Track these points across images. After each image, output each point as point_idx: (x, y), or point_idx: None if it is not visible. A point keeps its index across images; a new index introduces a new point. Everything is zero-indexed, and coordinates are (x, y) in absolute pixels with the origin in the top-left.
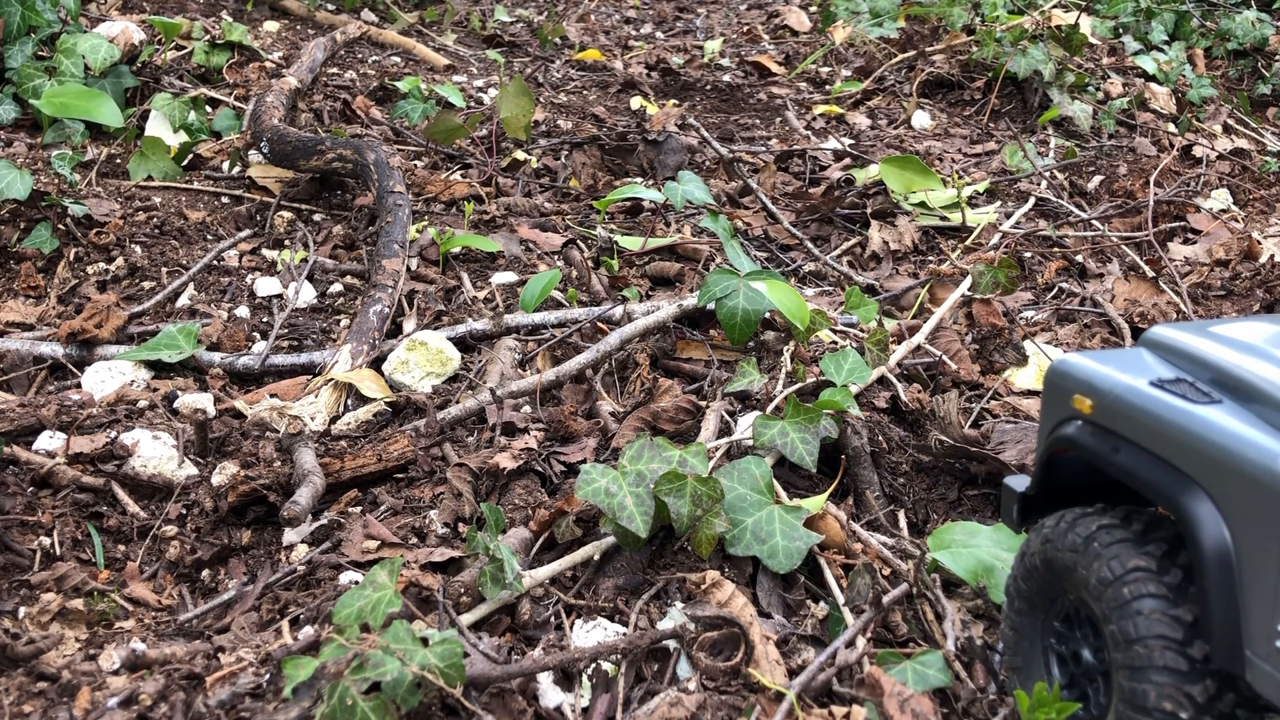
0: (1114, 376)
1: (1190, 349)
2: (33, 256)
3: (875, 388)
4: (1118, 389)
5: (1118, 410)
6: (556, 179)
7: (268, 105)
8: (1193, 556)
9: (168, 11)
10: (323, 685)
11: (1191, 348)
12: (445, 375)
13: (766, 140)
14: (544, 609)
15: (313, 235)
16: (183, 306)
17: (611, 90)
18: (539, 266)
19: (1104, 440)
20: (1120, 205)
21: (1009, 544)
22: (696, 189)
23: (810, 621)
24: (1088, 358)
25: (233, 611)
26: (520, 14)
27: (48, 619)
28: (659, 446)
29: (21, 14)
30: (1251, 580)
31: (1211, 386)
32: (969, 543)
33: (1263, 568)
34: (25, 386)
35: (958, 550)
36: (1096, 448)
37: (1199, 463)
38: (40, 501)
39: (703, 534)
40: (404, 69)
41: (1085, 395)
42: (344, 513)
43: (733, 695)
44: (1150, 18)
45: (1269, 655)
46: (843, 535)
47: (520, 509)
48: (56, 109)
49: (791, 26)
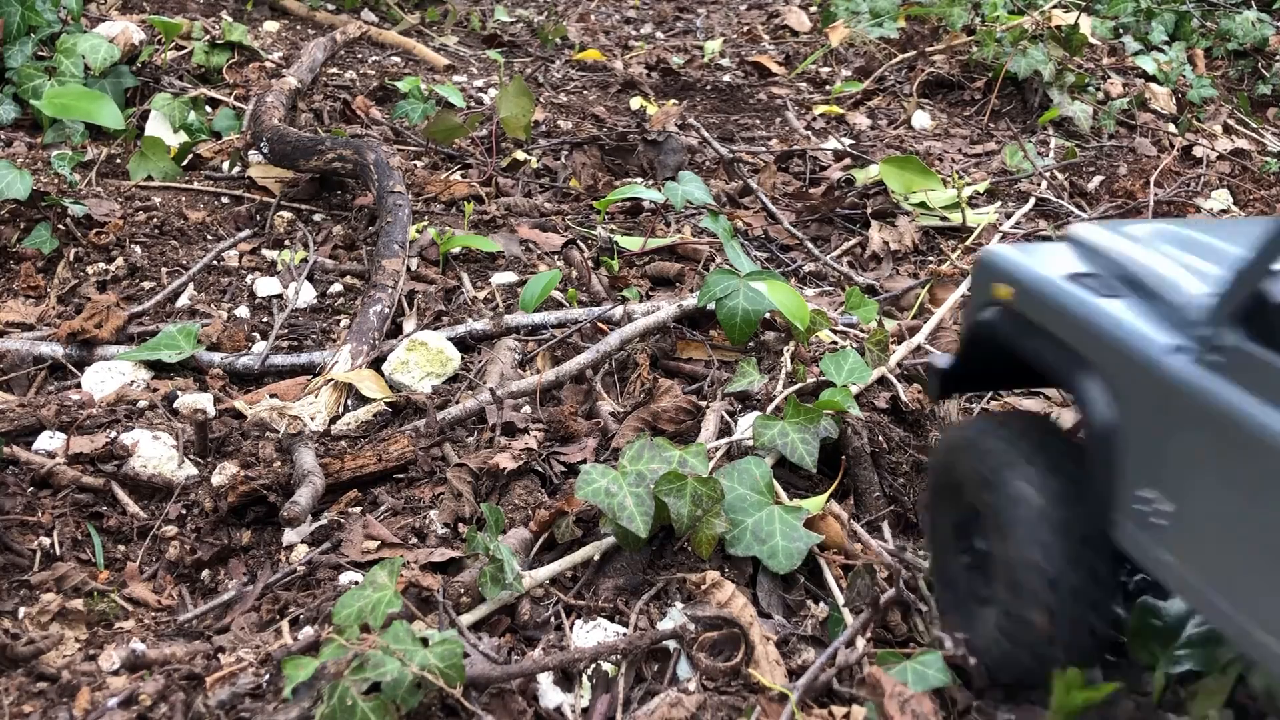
0: (1033, 269)
1: (1103, 246)
2: (33, 256)
3: (875, 388)
4: (1036, 280)
5: (1034, 299)
6: (556, 179)
7: (267, 105)
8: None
9: (168, 11)
10: (323, 686)
11: (1104, 245)
12: (445, 375)
13: (767, 140)
14: (544, 609)
15: (312, 235)
16: (182, 306)
17: (611, 90)
18: (539, 266)
19: (1019, 326)
20: (1120, 205)
21: None
22: (696, 189)
23: (810, 622)
24: (1014, 249)
25: (232, 612)
26: (520, 14)
27: (48, 619)
28: (659, 447)
29: (21, 14)
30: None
31: (1119, 281)
32: None
33: (1137, 441)
34: (25, 386)
35: None
36: (1012, 332)
37: (1096, 349)
38: (40, 501)
39: (703, 534)
40: (404, 69)
41: (1007, 284)
42: (344, 513)
43: (733, 696)
44: (1150, 18)
45: (1130, 515)
46: (843, 536)
47: (520, 509)
48: (56, 109)
49: (791, 26)
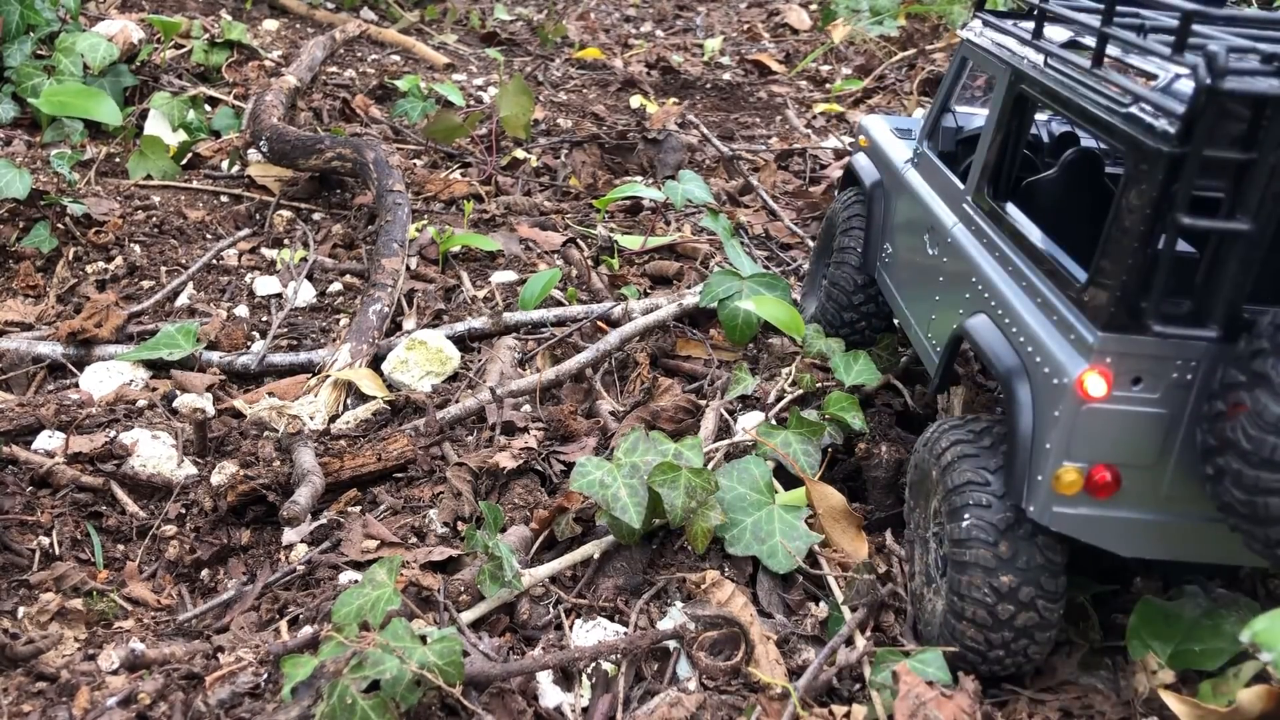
0: (872, 129)
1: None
2: (32, 256)
3: (885, 393)
4: (871, 132)
5: (870, 144)
6: (556, 178)
7: (267, 104)
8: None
9: (167, 10)
10: (322, 684)
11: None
12: (445, 374)
13: (767, 138)
14: (544, 609)
15: (312, 234)
16: (182, 306)
17: (611, 88)
18: (539, 265)
19: (863, 159)
20: None
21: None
22: (697, 188)
23: (810, 621)
24: (869, 119)
25: (232, 611)
26: (520, 12)
27: (47, 619)
28: (654, 439)
29: (21, 13)
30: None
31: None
32: None
33: (885, 215)
34: (24, 386)
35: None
36: (860, 162)
37: (883, 166)
38: (39, 501)
39: (698, 526)
40: (404, 67)
41: (865, 137)
42: (343, 512)
43: (733, 695)
44: None
45: (880, 261)
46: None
47: (520, 508)
48: (54, 107)
49: (791, 25)
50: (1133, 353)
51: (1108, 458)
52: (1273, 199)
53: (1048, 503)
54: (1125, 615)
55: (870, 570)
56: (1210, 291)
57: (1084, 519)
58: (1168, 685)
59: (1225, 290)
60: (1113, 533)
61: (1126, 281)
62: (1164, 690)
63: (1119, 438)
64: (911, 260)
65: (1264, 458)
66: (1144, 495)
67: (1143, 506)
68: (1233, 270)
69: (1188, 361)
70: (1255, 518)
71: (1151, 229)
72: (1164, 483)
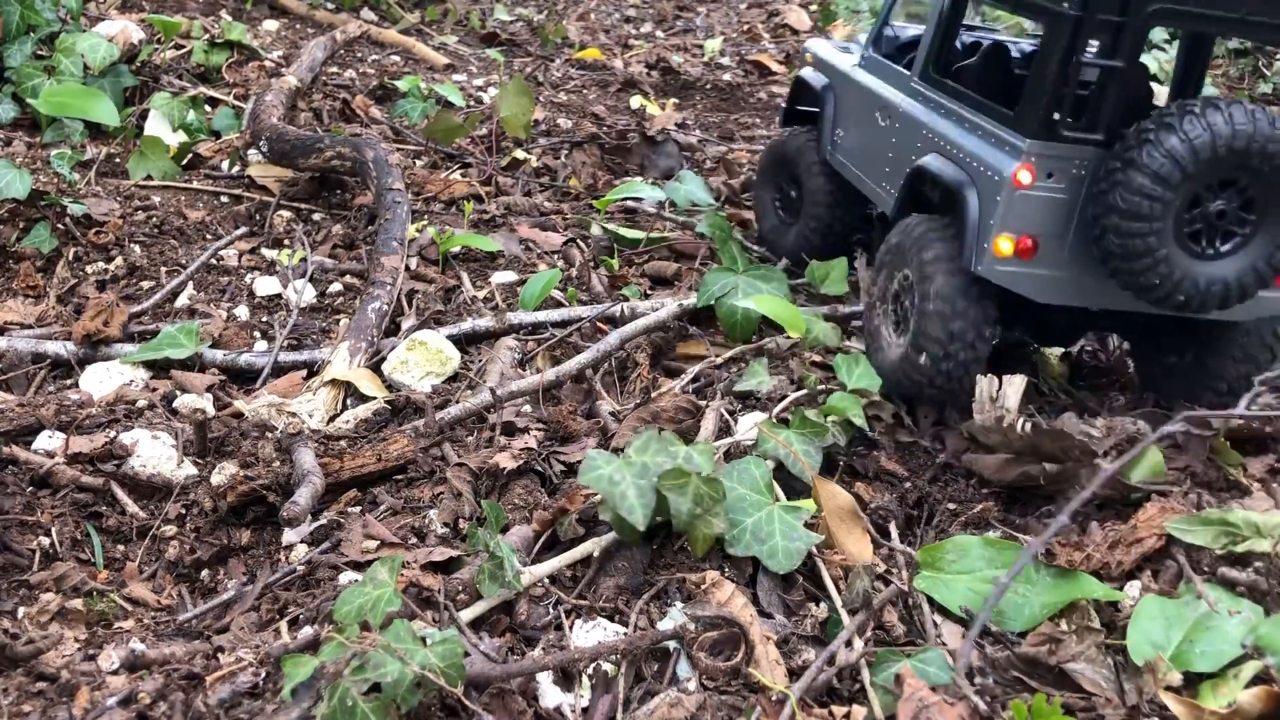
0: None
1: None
2: (32, 256)
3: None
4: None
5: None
6: (556, 178)
7: (267, 104)
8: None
9: (167, 10)
10: (322, 685)
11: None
12: (445, 374)
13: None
14: (544, 609)
15: (312, 234)
16: (182, 306)
17: (611, 89)
18: (539, 265)
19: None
20: None
21: (1002, 560)
22: (697, 188)
23: (810, 622)
24: (816, 41)
25: (232, 611)
26: (520, 13)
27: (47, 619)
28: (666, 440)
29: (21, 13)
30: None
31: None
32: (959, 565)
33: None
34: (24, 386)
35: (945, 579)
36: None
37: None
38: (39, 501)
39: (700, 533)
40: (404, 68)
41: (812, 55)
42: (344, 513)
43: (733, 695)
44: None
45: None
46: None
47: (520, 509)
48: (53, 107)
49: (791, 25)
50: (1048, 154)
51: (1030, 230)
52: (1134, 46)
53: (990, 264)
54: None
55: (871, 573)
56: (1097, 111)
57: (1014, 274)
58: (1169, 687)
59: (1106, 111)
60: (1033, 284)
61: (1047, 105)
62: (1164, 692)
63: (1037, 215)
64: (864, 134)
65: (1132, 211)
66: (1054, 256)
67: (1053, 265)
68: (1111, 96)
69: (1082, 161)
70: (1126, 255)
71: (1063, 68)
72: (1066, 247)
